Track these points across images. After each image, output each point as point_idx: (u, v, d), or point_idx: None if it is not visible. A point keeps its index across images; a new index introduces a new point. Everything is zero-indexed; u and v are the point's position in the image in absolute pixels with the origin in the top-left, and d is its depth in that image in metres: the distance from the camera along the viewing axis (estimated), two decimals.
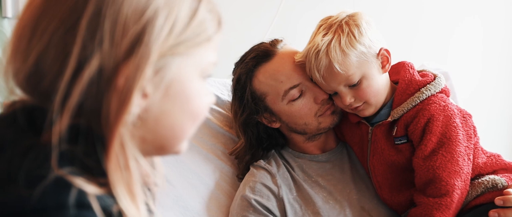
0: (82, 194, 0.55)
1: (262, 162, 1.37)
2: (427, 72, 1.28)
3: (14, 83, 0.62)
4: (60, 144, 0.56)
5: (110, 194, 0.58)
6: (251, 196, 1.30)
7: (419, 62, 1.78)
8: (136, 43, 0.58)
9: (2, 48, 1.64)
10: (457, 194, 1.16)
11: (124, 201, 0.58)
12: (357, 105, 1.22)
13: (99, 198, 0.57)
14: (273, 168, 1.36)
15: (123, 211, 0.58)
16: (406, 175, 1.25)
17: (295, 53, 1.30)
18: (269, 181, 1.33)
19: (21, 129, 0.59)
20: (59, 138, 0.56)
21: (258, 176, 1.34)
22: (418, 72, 1.28)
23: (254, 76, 1.31)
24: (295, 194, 1.32)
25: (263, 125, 1.37)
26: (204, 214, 1.40)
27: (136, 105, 0.59)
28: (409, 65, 1.26)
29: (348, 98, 1.21)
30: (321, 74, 1.19)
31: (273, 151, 1.41)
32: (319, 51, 1.16)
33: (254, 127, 1.37)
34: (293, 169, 1.37)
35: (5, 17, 1.66)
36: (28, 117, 0.59)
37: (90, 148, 0.59)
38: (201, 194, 1.41)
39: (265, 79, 1.30)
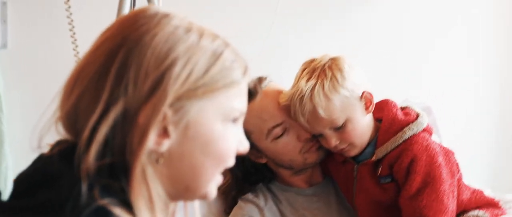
0: None
1: (250, 196, 1.38)
2: (410, 110, 1.29)
3: (60, 124, 0.70)
4: (97, 178, 0.63)
5: None
6: None
7: (403, 94, 1.80)
8: (155, 87, 0.65)
9: None
10: None
11: (143, 213, 0.64)
12: (343, 146, 1.24)
13: None
14: (261, 201, 1.36)
15: None
16: (391, 212, 1.26)
17: (279, 92, 1.31)
18: (257, 214, 1.34)
19: (66, 164, 0.65)
20: (87, 171, 0.63)
21: (246, 209, 1.35)
22: (401, 108, 1.30)
23: None
24: None
25: (250, 160, 1.38)
26: None
27: (152, 140, 0.65)
28: (392, 104, 1.28)
29: (334, 141, 1.23)
30: (305, 119, 1.20)
31: (260, 184, 1.42)
32: (303, 96, 1.18)
33: (240, 164, 1.37)
34: (280, 203, 1.38)
35: None
36: (72, 153, 0.65)
37: (120, 183, 0.65)
38: None
39: (249, 117, 1.29)
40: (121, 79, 0.65)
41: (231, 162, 0.74)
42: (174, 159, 0.68)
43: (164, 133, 0.67)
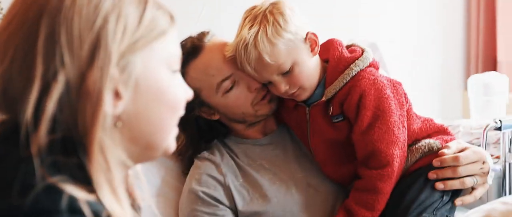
0: (73, 200, 0.58)
1: (205, 153, 1.37)
2: (355, 47, 1.29)
3: None
4: (48, 155, 0.60)
5: (99, 200, 0.61)
6: (198, 188, 1.30)
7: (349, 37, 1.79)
8: (95, 49, 0.62)
9: None
10: (396, 162, 1.20)
11: (108, 202, 0.61)
12: (293, 91, 1.23)
13: (89, 204, 0.59)
14: (217, 157, 1.36)
15: (110, 212, 0.61)
16: (347, 149, 1.27)
17: (224, 44, 1.28)
18: (214, 171, 1.33)
19: (8, 145, 0.62)
20: (38, 150, 0.60)
21: (202, 167, 1.34)
22: (347, 47, 1.30)
23: (186, 73, 1.29)
24: (241, 180, 1.33)
25: (202, 118, 1.36)
26: (153, 212, 1.38)
27: (109, 105, 0.63)
28: (338, 43, 1.27)
29: (283, 86, 1.22)
30: (252, 67, 1.19)
31: (215, 141, 1.41)
32: (247, 44, 1.16)
33: (193, 123, 1.36)
34: (237, 156, 1.38)
35: None
36: (14, 134, 0.62)
37: (75, 158, 0.62)
38: (148, 194, 1.39)
39: (196, 74, 1.29)
40: (53, 51, 0.61)
41: (182, 110, 0.73)
42: (131, 119, 0.66)
43: (116, 95, 0.64)
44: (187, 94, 0.75)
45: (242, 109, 1.31)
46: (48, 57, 0.61)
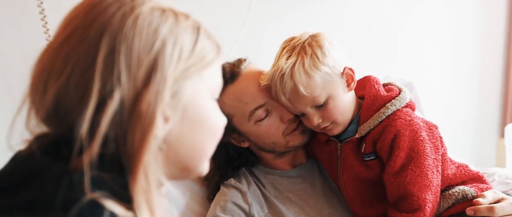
0: (114, 215, 0.60)
1: (232, 181, 1.36)
2: (392, 86, 1.28)
3: (37, 120, 0.67)
4: (91, 170, 0.61)
5: None
6: (222, 215, 1.28)
7: (384, 73, 1.78)
8: (152, 71, 0.64)
9: None
10: (429, 208, 1.16)
11: None
12: (325, 125, 1.22)
13: None
14: (244, 186, 1.34)
15: None
16: (377, 189, 1.24)
17: (260, 73, 1.28)
18: (240, 199, 1.31)
19: (50, 159, 0.63)
20: (89, 165, 0.61)
21: (228, 195, 1.32)
22: (384, 85, 1.28)
23: (219, 98, 1.29)
24: (266, 211, 1.30)
25: (232, 145, 1.35)
26: None
27: (160, 128, 0.64)
28: (374, 80, 1.26)
29: (316, 119, 1.20)
30: (287, 97, 1.18)
31: (243, 169, 1.40)
32: (283, 74, 1.16)
33: (222, 148, 1.34)
34: (264, 186, 1.36)
35: None
36: (55, 148, 0.64)
37: (117, 175, 0.63)
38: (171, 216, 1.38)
39: (230, 101, 1.28)
40: (111, 68, 0.63)
41: (220, 136, 0.75)
42: (174, 142, 0.68)
43: (165, 118, 0.66)
44: (224, 121, 0.76)
45: (272, 139, 1.30)
46: (106, 74, 0.63)
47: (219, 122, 0.75)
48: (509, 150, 1.95)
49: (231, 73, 1.29)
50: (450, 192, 1.22)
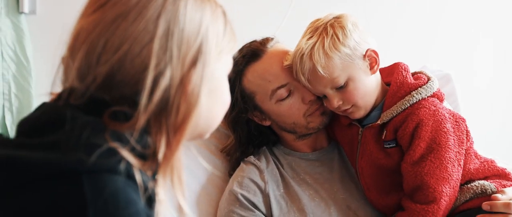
0: (129, 165, 0.66)
1: (252, 158, 1.38)
2: (422, 75, 1.25)
3: (78, 83, 0.71)
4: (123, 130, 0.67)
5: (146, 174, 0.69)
6: (238, 190, 1.31)
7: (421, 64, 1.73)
8: (198, 55, 0.71)
9: (18, 42, 1.70)
10: (444, 201, 1.14)
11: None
12: (346, 107, 1.21)
13: (140, 172, 0.67)
14: (262, 164, 1.36)
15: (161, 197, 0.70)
16: (394, 178, 1.23)
17: (285, 52, 1.29)
18: (257, 176, 1.33)
19: (80, 112, 0.69)
20: (139, 128, 0.68)
21: (246, 171, 1.35)
22: (413, 74, 1.26)
23: (244, 75, 1.31)
24: (282, 190, 1.32)
25: (254, 122, 1.37)
26: (194, 208, 1.40)
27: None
28: (403, 67, 1.23)
29: (336, 101, 1.19)
30: (306, 77, 1.18)
31: (264, 147, 1.41)
32: (303, 54, 1.16)
33: (244, 125, 1.37)
34: (282, 166, 1.37)
35: (22, 13, 1.71)
36: (87, 105, 0.69)
37: (140, 137, 0.68)
38: (192, 188, 1.41)
39: (253, 78, 1.30)
40: (165, 48, 0.69)
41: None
42: (202, 113, 0.75)
43: None
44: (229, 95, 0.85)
45: (293, 119, 1.30)
46: (161, 52, 0.69)
47: (228, 97, 0.83)
48: None
49: (256, 51, 1.30)
50: (469, 185, 1.19)
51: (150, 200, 0.69)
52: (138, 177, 0.66)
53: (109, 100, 0.70)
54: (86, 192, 0.61)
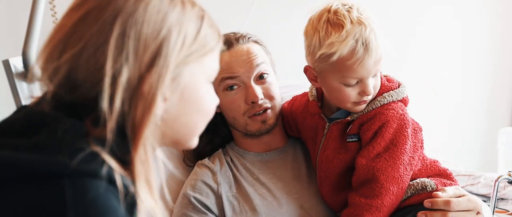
0: (111, 170, 0.66)
1: (206, 161, 1.41)
2: (392, 79, 1.29)
3: (49, 86, 0.74)
4: (101, 132, 0.68)
5: (136, 189, 0.69)
6: (191, 193, 1.34)
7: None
8: (156, 56, 0.71)
9: None
10: (390, 198, 1.18)
11: (143, 191, 0.70)
12: (369, 98, 1.21)
13: (121, 176, 0.68)
14: (216, 166, 1.39)
15: (144, 201, 0.69)
16: (349, 177, 1.26)
17: (250, 52, 1.33)
18: (209, 179, 1.36)
19: (61, 114, 0.70)
20: (111, 131, 0.69)
21: (200, 174, 1.38)
22: (385, 76, 1.29)
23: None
24: (234, 191, 1.35)
25: None
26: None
27: (159, 107, 0.71)
28: None
29: (371, 87, 1.19)
30: (378, 56, 1.15)
31: (220, 150, 1.45)
32: (367, 37, 1.12)
33: None
34: (236, 167, 1.40)
35: None
36: (66, 108, 0.71)
37: (120, 141, 0.70)
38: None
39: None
40: (121, 49, 0.70)
41: (212, 116, 0.84)
42: (170, 119, 0.76)
43: (163, 98, 0.73)
44: (216, 101, 0.84)
45: (233, 114, 1.36)
46: (117, 53, 0.69)
47: (211, 104, 0.82)
48: (501, 154, 1.92)
49: (229, 41, 1.35)
50: (410, 183, 1.23)
51: (132, 205, 0.69)
52: (119, 181, 0.67)
53: (74, 100, 0.71)
54: (66, 196, 0.62)
